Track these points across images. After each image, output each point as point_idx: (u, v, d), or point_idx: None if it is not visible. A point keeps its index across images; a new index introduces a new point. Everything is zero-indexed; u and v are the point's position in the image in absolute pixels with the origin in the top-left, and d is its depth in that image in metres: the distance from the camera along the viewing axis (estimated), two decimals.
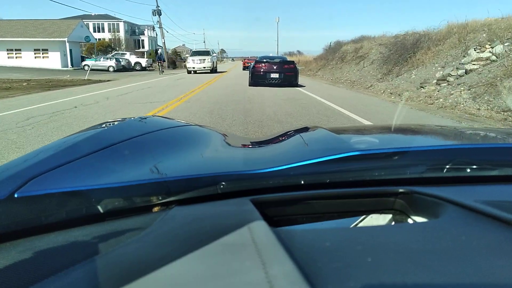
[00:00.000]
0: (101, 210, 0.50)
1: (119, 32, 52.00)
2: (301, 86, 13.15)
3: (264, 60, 13.29)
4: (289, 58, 15.91)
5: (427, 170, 0.59)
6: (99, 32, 50.87)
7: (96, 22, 52.04)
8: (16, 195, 0.47)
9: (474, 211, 0.43)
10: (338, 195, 0.54)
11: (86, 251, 0.41)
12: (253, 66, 13.29)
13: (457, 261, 0.33)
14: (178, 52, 68.00)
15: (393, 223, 0.55)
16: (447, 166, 0.58)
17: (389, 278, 0.31)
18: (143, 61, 33.75)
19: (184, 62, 33.98)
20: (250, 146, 0.88)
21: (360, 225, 0.56)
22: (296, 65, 13.78)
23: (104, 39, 48.15)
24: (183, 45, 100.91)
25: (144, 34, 57.32)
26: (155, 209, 0.52)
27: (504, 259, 0.34)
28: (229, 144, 0.81)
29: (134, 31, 56.80)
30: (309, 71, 26.42)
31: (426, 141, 0.84)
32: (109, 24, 52.29)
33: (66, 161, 0.56)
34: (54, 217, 0.49)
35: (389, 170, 0.58)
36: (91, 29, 49.49)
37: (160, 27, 37.45)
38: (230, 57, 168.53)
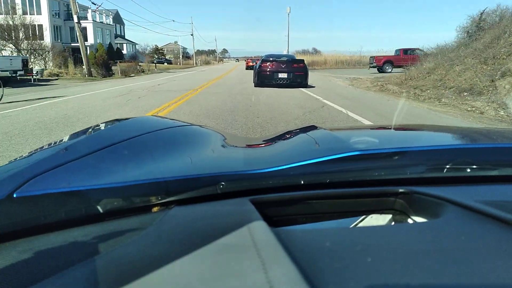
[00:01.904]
0: (101, 210, 0.50)
1: (40, 14, 31.65)
2: None
3: (271, 59, 12.19)
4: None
5: (427, 170, 0.59)
6: None
7: None
8: (15, 195, 0.47)
9: (474, 211, 0.43)
10: (338, 195, 0.54)
11: (86, 251, 0.41)
12: (259, 65, 12.25)
13: (457, 261, 0.33)
14: (161, 50, 56.75)
15: (393, 223, 0.55)
16: (447, 166, 0.58)
17: (389, 278, 0.31)
18: None
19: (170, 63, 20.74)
20: (250, 146, 0.88)
21: (360, 225, 0.56)
22: (307, 65, 12.73)
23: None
24: (175, 42, 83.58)
25: (87, 19, 36.30)
26: (155, 209, 0.52)
27: (504, 259, 0.34)
28: (229, 144, 0.81)
29: (71, 14, 29.89)
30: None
31: (426, 141, 0.84)
32: (23, 1, 30.83)
33: (65, 161, 0.56)
34: (53, 217, 0.49)
35: (389, 170, 0.58)
36: None
37: None
38: (234, 57, 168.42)
